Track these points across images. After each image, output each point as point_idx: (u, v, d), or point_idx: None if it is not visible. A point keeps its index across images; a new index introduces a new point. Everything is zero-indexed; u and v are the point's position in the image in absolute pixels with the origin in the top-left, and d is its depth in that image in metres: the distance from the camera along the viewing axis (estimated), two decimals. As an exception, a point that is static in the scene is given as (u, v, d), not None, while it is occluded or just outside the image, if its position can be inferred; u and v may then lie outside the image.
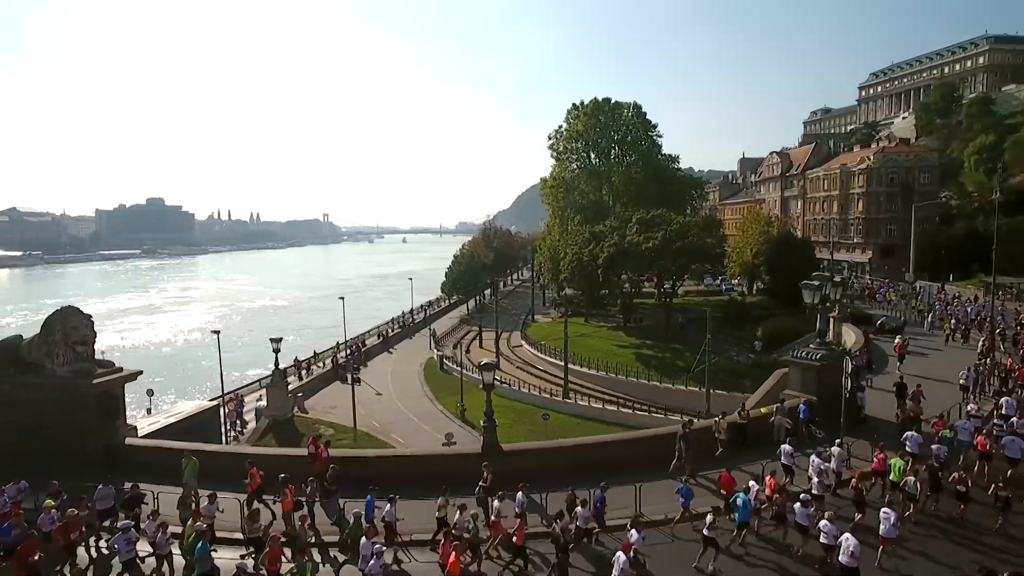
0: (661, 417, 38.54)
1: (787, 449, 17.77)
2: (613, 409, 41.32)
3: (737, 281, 78.88)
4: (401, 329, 71.17)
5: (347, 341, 57.43)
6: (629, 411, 40.75)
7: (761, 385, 29.87)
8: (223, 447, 27.65)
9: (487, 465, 16.92)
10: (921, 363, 31.65)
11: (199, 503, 15.48)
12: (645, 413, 40.07)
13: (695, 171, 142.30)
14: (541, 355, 57.52)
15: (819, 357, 22.56)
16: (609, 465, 18.27)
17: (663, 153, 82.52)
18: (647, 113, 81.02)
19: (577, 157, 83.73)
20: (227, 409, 35.29)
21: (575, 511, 14.76)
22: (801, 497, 14.58)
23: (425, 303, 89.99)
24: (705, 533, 13.59)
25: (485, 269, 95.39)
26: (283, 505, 15.52)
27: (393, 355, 60.48)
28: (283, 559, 13.04)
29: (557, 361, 50.94)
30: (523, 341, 64.58)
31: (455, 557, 12.48)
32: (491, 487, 16.34)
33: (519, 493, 15.66)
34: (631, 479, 16.71)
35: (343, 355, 53.19)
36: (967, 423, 18.97)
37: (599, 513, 15.26)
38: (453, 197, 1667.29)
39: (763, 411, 22.15)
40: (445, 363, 54.24)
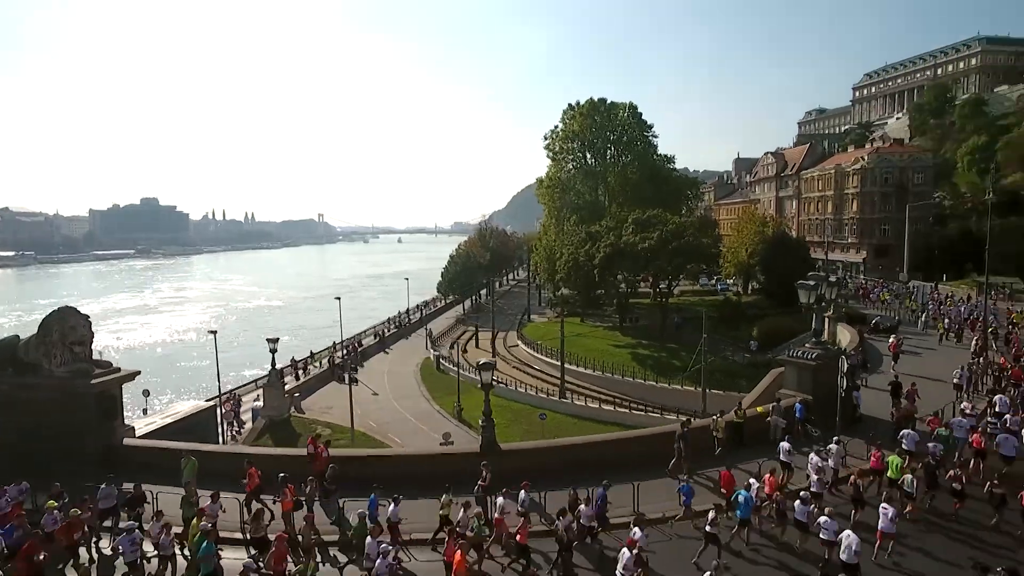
0: (657, 416, 38.69)
1: (785, 447, 17.94)
2: (610, 409, 41.42)
3: (732, 281, 79.04)
4: (397, 329, 71.03)
5: (343, 341, 57.43)
6: (626, 411, 40.84)
7: (757, 384, 30.15)
8: (221, 447, 27.66)
9: (486, 464, 16.98)
10: (915, 362, 31.91)
11: (198, 502, 15.46)
12: (642, 413, 40.18)
13: (690, 171, 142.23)
14: (537, 355, 57.54)
15: (815, 356, 22.71)
16: (607, 464, 18.35)
17: (659, 153, 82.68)
18: (643, 113, 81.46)
19: (573, 157, 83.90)
20: (224, 409, 35.27)
21: (578, 509, 14.83)
22: (801, 494, 14.77)
23: (421, 303, 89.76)
24: (707, 530, 13.75)
25: (481, 269, 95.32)
26: (283, 505, 15.54)
27: (389, 355, 60.41)
28: (289, 559, 13.06)
29: (553, 361, 50.98)
30: (519, 341, 64.56)
31: (461, 555, 12.55)
32: (490, 486, 16.42)
33: (522, 491, 15.70)
34: (629, 478, 16.80)
35: (340, 355, 53.14)
36: (963, 421, 19.16)
37: (601, 511, 15.34)
38: (448, 197, 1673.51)
39: (759, 410, 22.34)
40: (441, 363, 54.18)
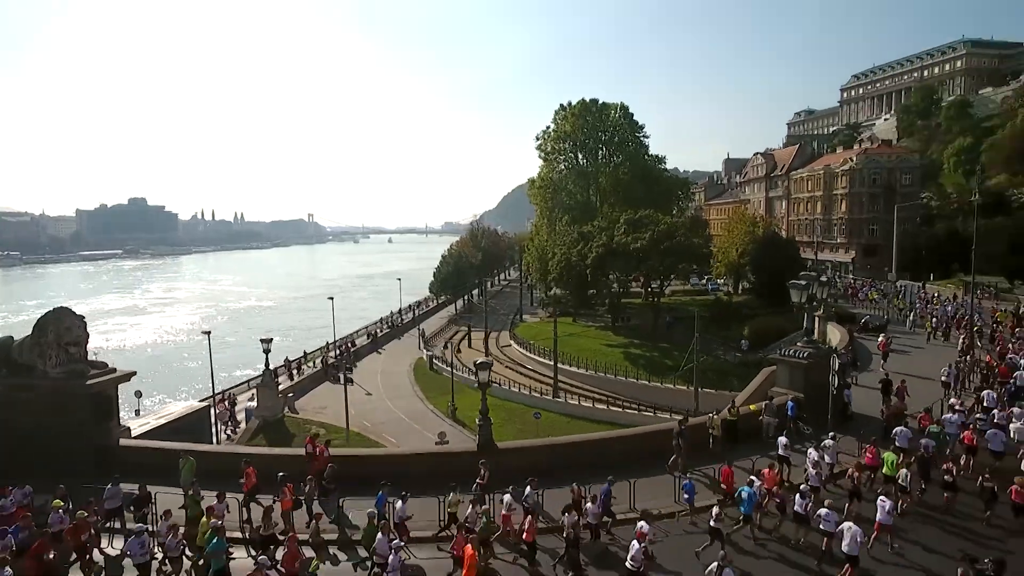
0: (650, 415, 38.98)
1: (783, 441, 18.42)
2: (603, 408, 41.68)
3: (723, 281, 79.63)
4: (390, 329, 71.07)
5: (336, 341, 57.37)
6: (619, 410, 41.10)
7: (749, 383, 30.46)
8: (218, 447, 27.67)
9: (484, 463, 17.14)
10: (904, 360, 32.37)
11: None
12: (635, 412, 40.44)
13: (681, 171, 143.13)
14: (530, 355, 57.75)
15: (806, 355, 23.05)
16: (604, 462, 18.57)
17: (650, 154, 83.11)
18: (634, 114, 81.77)
19: (565, 158, 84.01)
20: (219, 409, 35.23)
21: (585, 507, 14.99)
22: (800, 488, 15.20)
23: (413, 303, 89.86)
24: (711, 525, 14.10)
25: (473, 269, 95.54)
26: (282, 504, 15.60)
27: (382, 355, 60.44)
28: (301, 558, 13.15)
29: (546, 360, 51.20)
30: (512, 341, 64.76)
31: (472, 549, 12.75)
32: (488, 484, 16.58)
33: (527, 488, 15.84)
34: (625, 475, 16.96)
35: (333, 355, 53.09)
36: (954, 417, 19.57)
37: (607, 506, 15.51)
38: (439, 197, 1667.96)
39: (752, 408, 22.62)
40: (435, 363, 54.27)
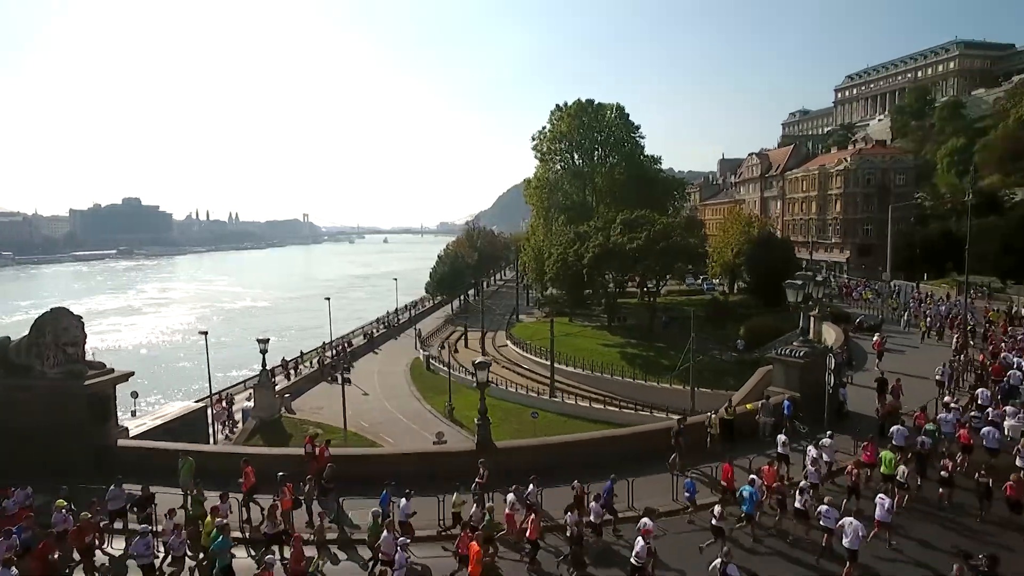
0: (647, 415, 39.05)
1: (782, 439, 18.65)
2: (599, 407, 41.78)
3: (718, 280, 79.90)
4: (386, 329, 70.99)
5: (332, 341, 57.31)
6: (615, 409, 41.20)
7: (745, 383, 30.61)
8: (216, 447, 27.65)
9: (483, 462, 17.21)
10: (899, 360, 32.53)
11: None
12: (631, 411, 40.52)
13: (676, 172, 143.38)
14: (527, 354, 57.83)
15: (802, 354, 23.19)
16: (602, 460, 18.68)
17: (645, 154, 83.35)
18: (630, 114, 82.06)
19: (561, 158, 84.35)
20: (216, 410, 35.18)
21: (588, 506, 15.09)
22: (800, 485, 15.39)
23: (409, 303, 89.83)
24: (713, 523, 14.26)
25: (469, 269, 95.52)
26: (282, 503, 15.65)
27: (379, 355, 60.36)
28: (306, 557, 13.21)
29: (543, 360, 51.26)
30: (508, 341, 64.80)
31: (477, 546, 12.87)
32: (487, 483, 16.67)
33: (529, 486, 15.94)
34: (624, 474, 17.05)
35: (329, 356, 53.04)
36: (949, 416, 19.76)
37: (609, 504, 15.62)
38: (434, 197, 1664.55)
39: (748, 407, 22.76)
40: (431, 363, 54.28)
